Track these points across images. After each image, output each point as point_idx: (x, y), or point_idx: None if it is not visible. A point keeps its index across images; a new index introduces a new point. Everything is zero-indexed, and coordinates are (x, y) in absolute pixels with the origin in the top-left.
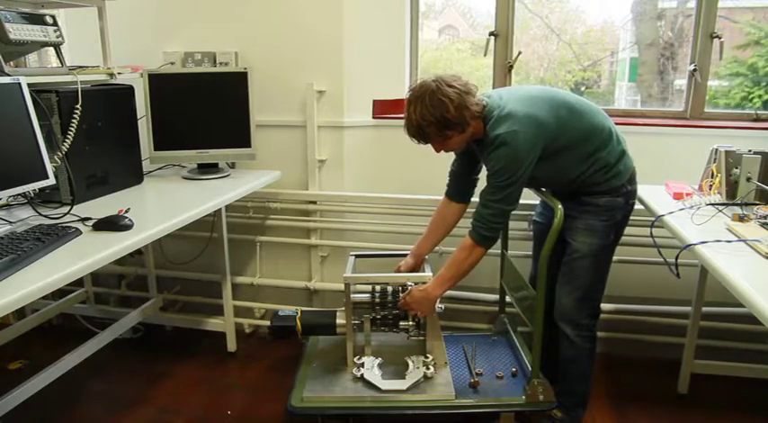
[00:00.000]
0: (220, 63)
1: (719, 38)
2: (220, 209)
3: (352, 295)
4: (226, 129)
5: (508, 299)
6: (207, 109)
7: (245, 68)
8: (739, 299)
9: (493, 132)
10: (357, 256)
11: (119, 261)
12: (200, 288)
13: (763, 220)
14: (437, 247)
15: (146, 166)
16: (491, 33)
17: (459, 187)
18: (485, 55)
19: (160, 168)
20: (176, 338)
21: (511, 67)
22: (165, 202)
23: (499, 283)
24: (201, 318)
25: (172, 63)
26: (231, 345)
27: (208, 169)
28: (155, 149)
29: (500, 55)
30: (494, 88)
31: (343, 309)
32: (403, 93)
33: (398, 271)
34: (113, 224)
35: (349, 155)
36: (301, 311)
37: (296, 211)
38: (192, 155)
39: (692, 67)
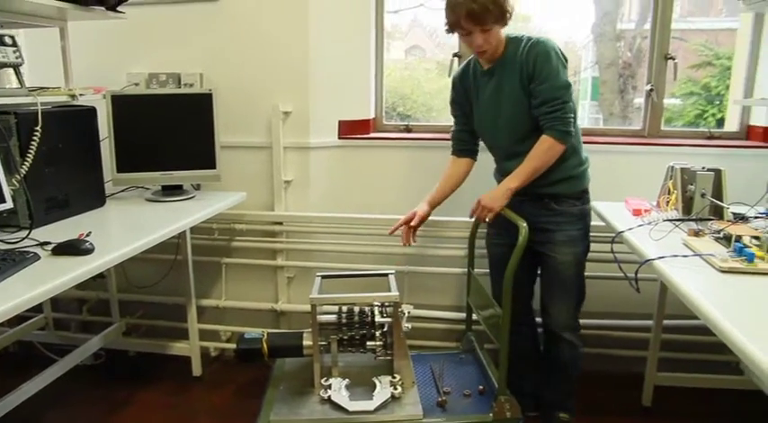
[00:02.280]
0: (185, 84)
1: (673, 59)
2: (185, 231)
3: (318, 316)
4: (190, 150)
5: (475, 317)
6: (171, 130)
7: (211, 90)
8: (695, 311)
9: (530, 41)
10: (324, 277)
11: (80, 285)
12: (164, 312)
13: (717, 235)
14: (404, 267)
15: (108, 188)
16: (454, 54)
17: (464, 145)
18: (449, 75)
19: (123, 190)
20: (140, 364)
21: None
22: (127, 225)
23: (466, 301)
24: (166, 342)
25: (136, 84)
26: (196, 369)
27: (172, 191)
28: (118, 171)
29: None
30: None
31: (310, 330)
32: (369, 113)
33: (410, 220)
34: (73, 248)
35: (315, 176)
36: (268, 334)
37: (262, 232)
38: (156, 177)
39: (648, 87)
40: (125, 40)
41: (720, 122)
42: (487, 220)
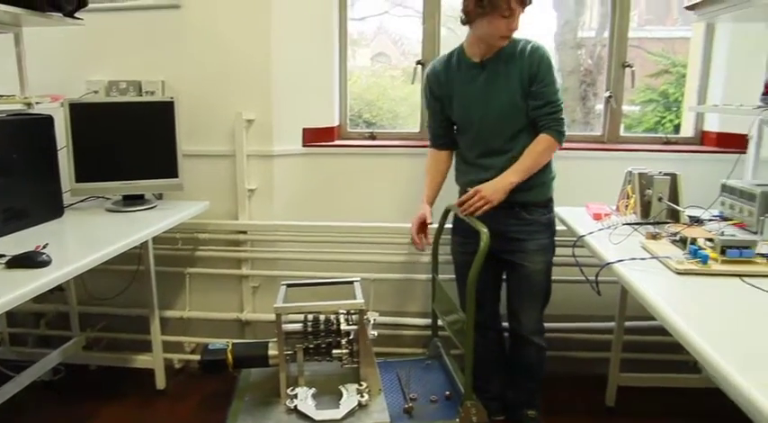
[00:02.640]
0: (146, 92)
1: (630, 67)
2: (147, 241)
3: (283, 325)
4: (152, 159)
5: (440, 322)
6: (132, 139)
7: (172, 98)
8: (652, 313)
9: (531, 44)
10: (289, 286)
11: (37, 299)
12: (126, 324)
13: (673, 238)
14: (370, 275)
15: (67, 198)
16: (418, 62)
17: (444, 138)
18: (412, 82)
19: (82, 201)
20: (101, 378)
21: None
22: (87, 236)
23: (431, 307)
24: (128, 355)
25: (95, 92)
26: (160, 382)
27: (133, 201)
28: (76, 181)
29: None
30: (422, 112)
31: (276, 339)
32: (333, 121)
33: (421, 223)
34: (29, 260)
35: (279, 184)
36: (232, 344)
37: (226, 241)
38: (117, 186)
39: (607, 94)
40: (84, 47)
41: (678, 128)
42: (479, 212)
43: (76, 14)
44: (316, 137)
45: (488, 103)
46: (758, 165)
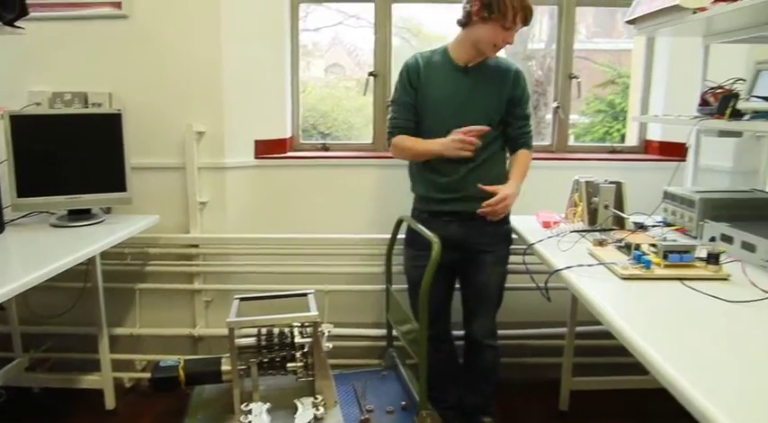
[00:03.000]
0: (93, 104)
1: (576, 78)
2: (94, 257)
3: (236, 340)
4: (99, 173)
5: (395, 333)
6: (77, 152)
7: (119, 109)
8: (598, 317)
9: (512, 64)
10: (242, 300)
11: None
12: (73, 343)
13: (619, 244)
14: (325, 287)
15: (8, 214)
16: (370, 73)
17: (410, 131)
18: (364, 94)
19: (25, 216)
20: (46, 400)
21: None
22: (29, 253)
23: (385, 317)
24: (76, 375)
25: (38, 103)
26: (110, 402)
27: (79, 215)
28: (18, 196)
29: (379, 94)
30: (375, 123)
31: (229, 355)
32: (285, 132)
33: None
34: None
35: (231, 196)
36: (184, 360)
37: (177, 255)
38: (62, 201)
39: (555, 105)
40: (26, 57)
41: (624, 137)
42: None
43: (17, 23)
44: (268, 149)
45: (467, 110)
46: (697, 172)
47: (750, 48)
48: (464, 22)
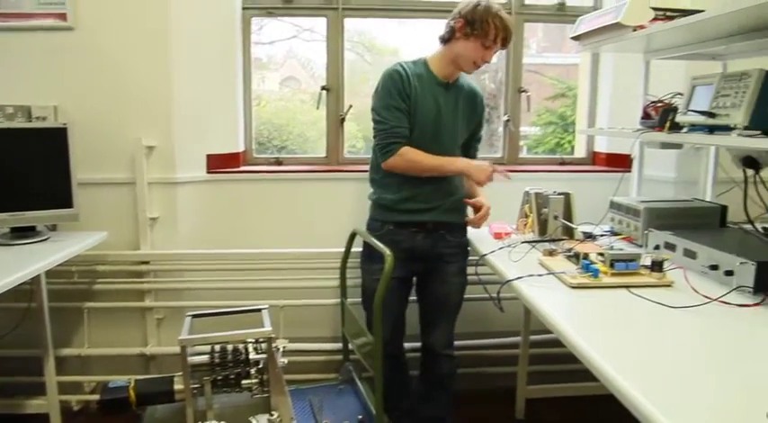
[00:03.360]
0: (37, 117)
1: (526, 92)
2: (39, 276)
3: (189, 358)
4: (43, 188)
5: (351, 346)
6: (21, 167)
7: (65, 123)
8: (548, 326)
9: (478, 89)
10: (194, 316)
11: None
12: (17, 366)
13: (568, 254)
14: (279, 302)
15: None
16: (323, 87)
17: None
18: (317, 108)
19: None
20: None
21: (343, 119)
22: None
23: (341, 331)
24: (19, 400)
25: None
26: None
27: (23, 233)
28: None
29: (332, 108)
30: (328, 137)
31: (181, 373)
32: (238, 147)
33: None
34: None
35: (183, 211)
36: (135, 381)
37: (127, 272)
38: (4, 218)
39: (505, 118)
40: None
41: (574, 149)
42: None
43: None
44: (220, 163)
45: (447, 126)
46: (641, 182)
47: (687, 64)
48: (447, 38)
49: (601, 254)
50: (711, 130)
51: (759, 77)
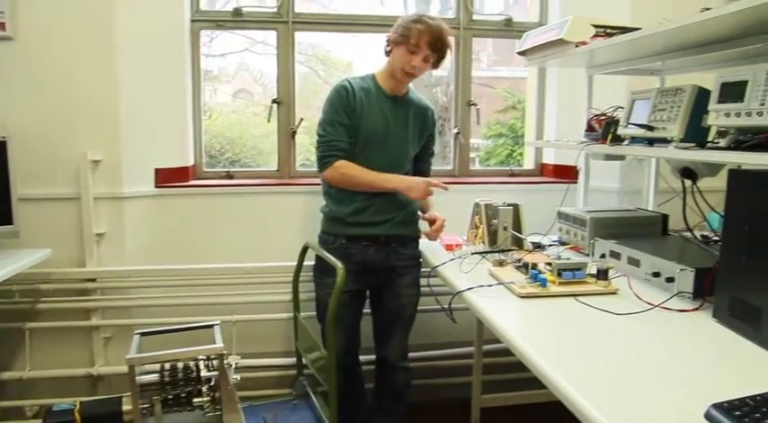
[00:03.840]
0: None
1: (475, 105)
2: None
3: (138, 377)
4: None
5: (305, 361)
6: None
7: (4, 137)
8: (498, 336)
9: (428, 102)
10: (143, 334)
11: None
12: None
13: (518, 264)
14: (231, 317)
15: None
16: (274, 101)
17: (347, 153)
18: (268, 121)
19: None
20: None
21: (294, 132)
22: None
23: (295, 346)
24: None
25: None
26: None
27: None
28: None
29: (283, 121)
30: (279, 150)
31: (130, 393)
32: (187, 160)
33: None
34: None
35: (131, 227)
36: (81, 403)
37: (72, 291)
38: None
39: (455, 131)
40: None
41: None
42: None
43: None
44: (169, 177)
45: (396, 140)
46: (588, 193)
47: (628, 78)
48: (386, 52)
49: (549, 263)
50: (651, 142)
51: (692, 93)
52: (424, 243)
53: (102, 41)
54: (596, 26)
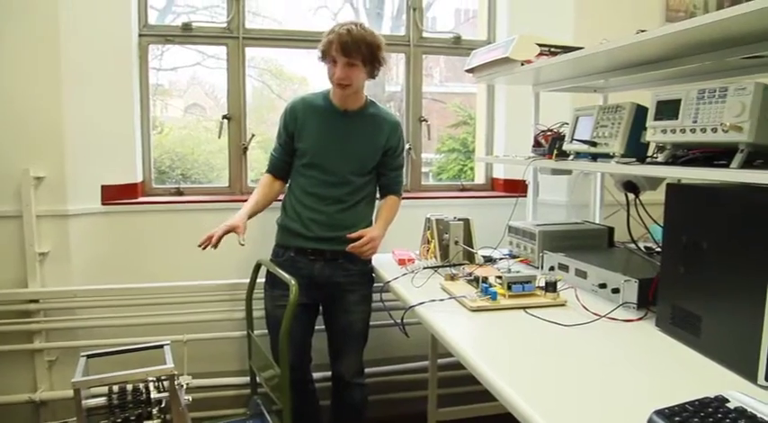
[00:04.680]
0: None
1: (426, 121)
2: None
3: (84, 401)
4: None
5: (259, 379)
6: None
7: None
8: (449, 349)
9: (392, 117)
10: (89, 357)
11: None
12: None
13: (469, 278)
14: (182, 336)
15: None
16: (224, 116)
17: (284, 171)
18: (219, 137)
19: None
20: None
21: (245, 148)
22: None
23: (248, 364)
24: None
25: None
26: None
27: None
28: None
29: (234, 137)
30: (230, 166)
31: (75, 419)
32: (135, 177)
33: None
34: None
35: (76, 246)
36: None
37: (13, 312)
38: None
39: (407, 146)
40: None
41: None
42: (366, 256)
43: None
44: (117, 194)
45: (343, 152)
46: (536, 207)
47: (573, 95)
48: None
49: (499, 277)
50: (594, 157)
51: (631, 110)
52: (376, 258)
53: (45, 56)
54: (541, 45)
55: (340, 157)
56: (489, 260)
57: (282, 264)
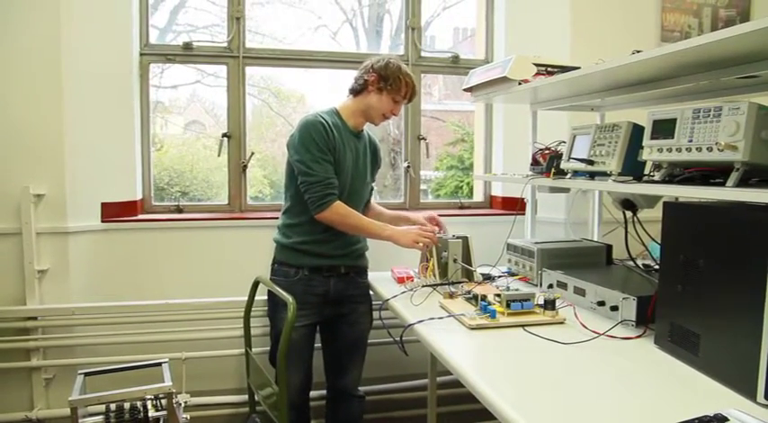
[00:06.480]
0: None
1: (425, 139)
2: None
3: (81, 419)
4: None
5: (258, 397)
6: None
7: None
8: (448, 368)
9: (376, 140)
10: (87, 375)
11: None
12: None
13: (468, 296)
14: (181, 354)
15: None
16: (224, 134)
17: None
18: (218, 155)
19: None
20: None
21: (245, 166)
22: None
23: (247, 382)
24: None
25: None
26: None
27: None
28: None
29: (234, 155)
30: (230, 184)
31: None
32: (135, 194)
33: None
34: None
35: (76, 263)
36: None
37: (11, 330)
38: None
39: (405, 164)
40: None
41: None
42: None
43: None
44: (116, 211)
45: (360, 174)
46: (535, 224)
47: (570, 114)
48: (358, 90)
49: (498, 295)
50: (592, 175)
51: (627, 129)
52: (375, 275)
53: (46, 74)
54: (538, 65)
55: (362, 178)
56: (488, 278)
57: (295, 282)
